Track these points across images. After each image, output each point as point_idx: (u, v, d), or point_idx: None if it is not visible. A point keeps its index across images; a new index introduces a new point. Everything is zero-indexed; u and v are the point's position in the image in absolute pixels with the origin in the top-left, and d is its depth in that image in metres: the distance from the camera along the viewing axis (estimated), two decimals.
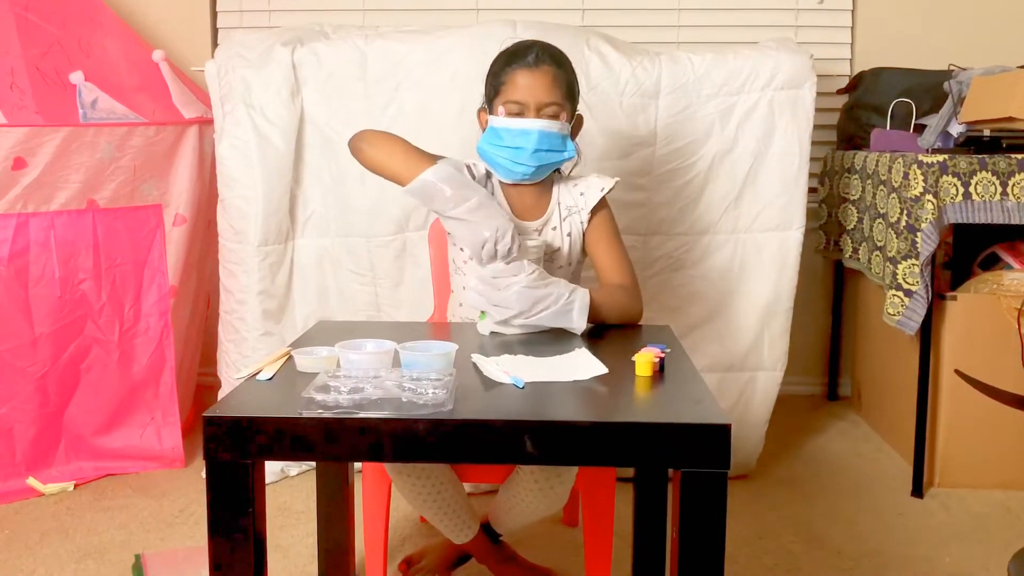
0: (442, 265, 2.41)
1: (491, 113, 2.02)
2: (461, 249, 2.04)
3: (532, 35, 2.60)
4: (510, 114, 1.97)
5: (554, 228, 2.06)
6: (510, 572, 2.14)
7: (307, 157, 2.67)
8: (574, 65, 2.06)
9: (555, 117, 1.98)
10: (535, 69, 1.96)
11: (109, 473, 2.81)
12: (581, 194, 2.07)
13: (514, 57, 2.00)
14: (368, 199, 2.65)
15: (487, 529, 2.12)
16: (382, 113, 2.63)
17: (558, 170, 2.13)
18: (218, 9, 3.58)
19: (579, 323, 1.81)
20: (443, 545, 2.17)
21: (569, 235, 2.06)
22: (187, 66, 3.27)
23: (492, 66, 2.05)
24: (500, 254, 1.81)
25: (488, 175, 2.07)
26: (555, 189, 2.09)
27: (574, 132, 2.07)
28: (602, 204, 2.07)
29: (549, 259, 2.04)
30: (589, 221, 2.07)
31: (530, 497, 1.94)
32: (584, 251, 2.10)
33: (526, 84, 1.96)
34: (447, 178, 1.87)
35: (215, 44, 3.56)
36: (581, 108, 2.14)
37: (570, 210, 2.07)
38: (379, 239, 2.68)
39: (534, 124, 1.95)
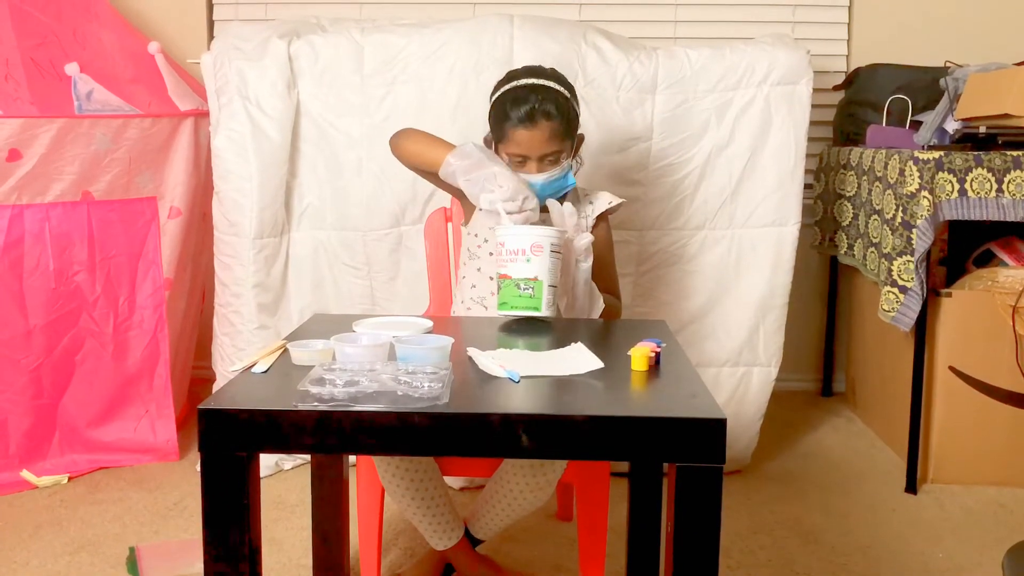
0: (438, 259, 2.41)
1: (496, 151, 2.09)
2: (475, 235, 2.13)
3: (529, 30, 2.61)
4: (514, 163, 2.06)
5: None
6: None
7: (303, 150, 2.67)
8: (571, 59, 2.07)
9: (556, 162, 2.06)
10: (533, 128, 2.02)
11: (103, 466, 2.80)
12: (591, 202, 2.19)
13: (513, 109, 2.03)
14: (364, 192, 2.65)
15: (469, 536, 2.11)
16: (378, 106, 2.62)
17: None
18: (214, 1, 3.57)
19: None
20: (425, 562, 2.15)
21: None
22: (183, 58, 3.26)
23: (494, 105, 2.10)
24: (524, 213, 1.93)
25: None
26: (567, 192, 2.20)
27: (576, 149, 2.15)
28: (605, 216, 2.18)
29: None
30: (592, 228, 2.16)
31: (517, 489, 1.94)
32: None
33: (526, 141, 2.03)
34: (478, 146, 2.02)
35: (211, 36, 3.55)
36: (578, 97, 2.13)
37: (580, 211, 2.16)
38: (375, 232, 2.68)
39: (536, 178, 2.04)
